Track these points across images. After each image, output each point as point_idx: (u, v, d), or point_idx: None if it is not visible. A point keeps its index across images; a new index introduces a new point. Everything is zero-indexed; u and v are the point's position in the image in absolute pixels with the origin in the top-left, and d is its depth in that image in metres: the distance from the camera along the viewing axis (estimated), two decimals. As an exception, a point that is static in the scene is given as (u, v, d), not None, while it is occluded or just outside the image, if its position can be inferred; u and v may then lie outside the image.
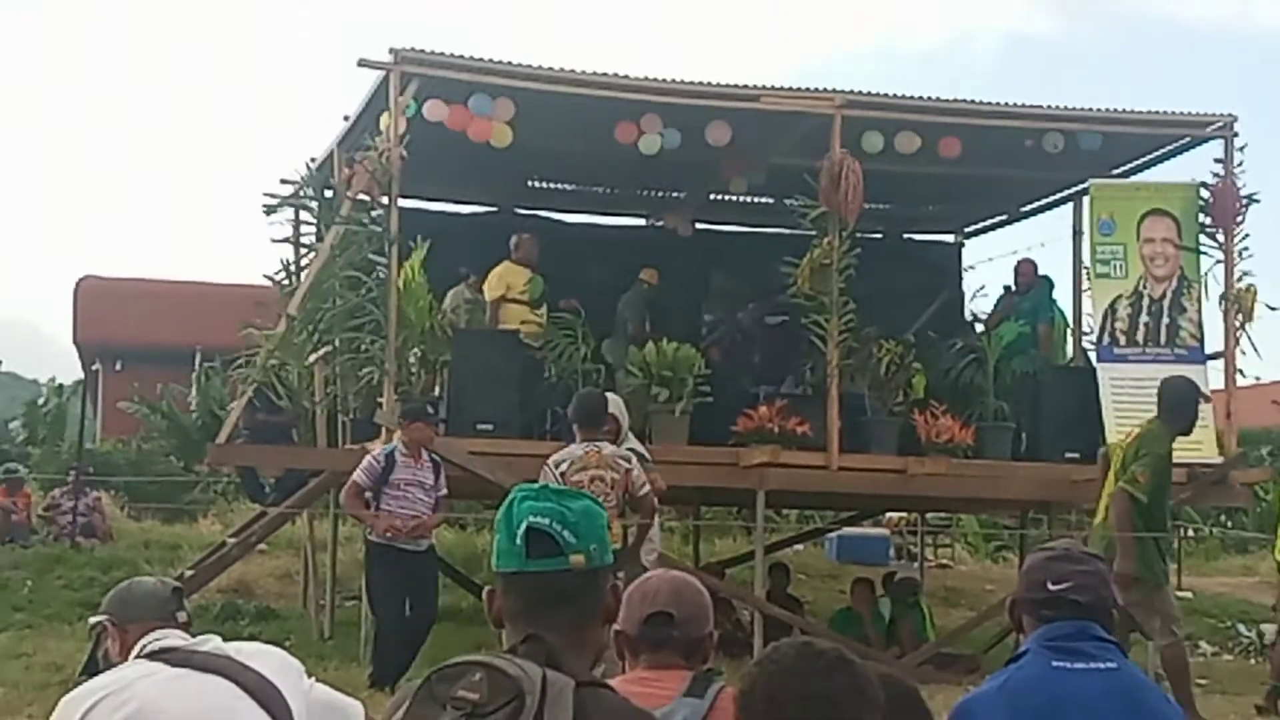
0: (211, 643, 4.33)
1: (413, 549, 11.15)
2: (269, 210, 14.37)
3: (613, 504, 9.74)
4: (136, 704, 4.02)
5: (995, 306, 15.89)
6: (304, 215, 14.62)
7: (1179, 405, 10.19)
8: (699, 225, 17.31)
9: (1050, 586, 3.91)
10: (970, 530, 23.80)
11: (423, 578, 11.43)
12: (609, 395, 10.88)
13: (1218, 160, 14.24)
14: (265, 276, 14.76)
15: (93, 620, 4.69)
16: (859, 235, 13.93)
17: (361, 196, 13.04)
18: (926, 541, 21.32)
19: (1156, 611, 9.82)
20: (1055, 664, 3.84)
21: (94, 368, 32.98)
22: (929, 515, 20.57)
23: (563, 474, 9.79)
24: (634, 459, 10.17)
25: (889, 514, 20.89)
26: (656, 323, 14.40)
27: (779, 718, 2.56)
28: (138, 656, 4.26)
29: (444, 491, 11.43)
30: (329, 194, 14.00)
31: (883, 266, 15.12)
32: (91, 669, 4.38)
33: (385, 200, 12.93)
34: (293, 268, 14.56)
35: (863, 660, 2.66)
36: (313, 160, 14.87)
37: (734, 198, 16.74)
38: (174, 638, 4.30)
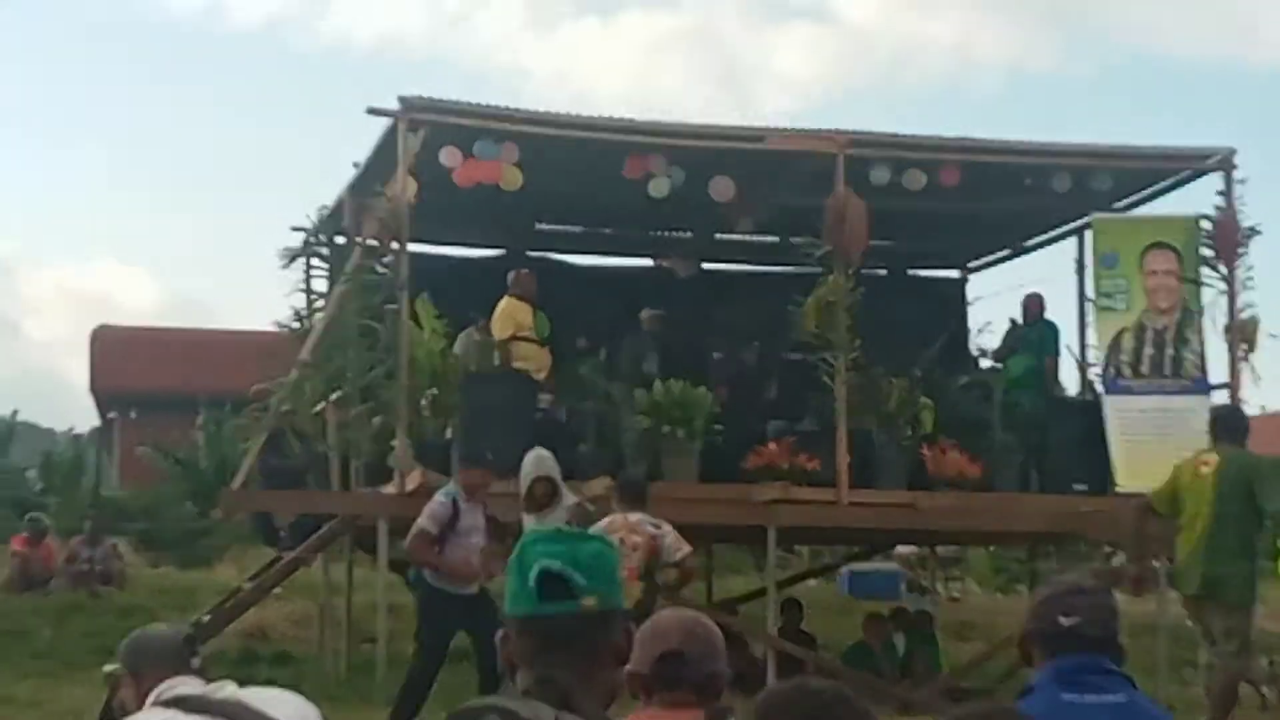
0: (227, 689, 4.36)
1: (468, 593, 10.92)
2: (289, 260, 14.47)
3: (633, 565, 9.88)
4: (153, 750, 4.07)
5: (1003, 340, 15.94)
6: (314, 261, 14.70)
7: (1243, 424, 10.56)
8: (705, 265, 17.38)
9: (1061, 620, 3.93)
10: (980, 564, 23.79)
11: (488, 616, 11.28)
12: (540, 453, 10.81)
13: (1219, 193, 14.31)
14: (277, 323, 14.85)
15: (107, 669, 4.73)
16: (864, 272, 14.00)
17: (371, 243, 13.14)
18: (937, 575, 21.31)
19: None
20: (1065, 696, 3.86)
21: (110, 415, 33.07)
22: (939, 549, 20.58)
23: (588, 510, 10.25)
24: (666, 526, 10.23)
25: (899, 548, 20.89)
26: (664, 362, 14.41)
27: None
28: (153, 704, 4.31)
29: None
30: (340, 240, 14.10)
31: (888, 302, 15.20)
32: (107, 718, 4.43)
33: (395, 245, 13.02)
34: (304, 314, 14.63)
35: (859, 697, 2.71)
36: (324, 207, 14.97)
37: (739, 237, 16.82)
38: (188, 685, 4.33)
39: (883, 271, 17.09)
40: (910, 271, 18.24)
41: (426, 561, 10.99)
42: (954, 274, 18.51)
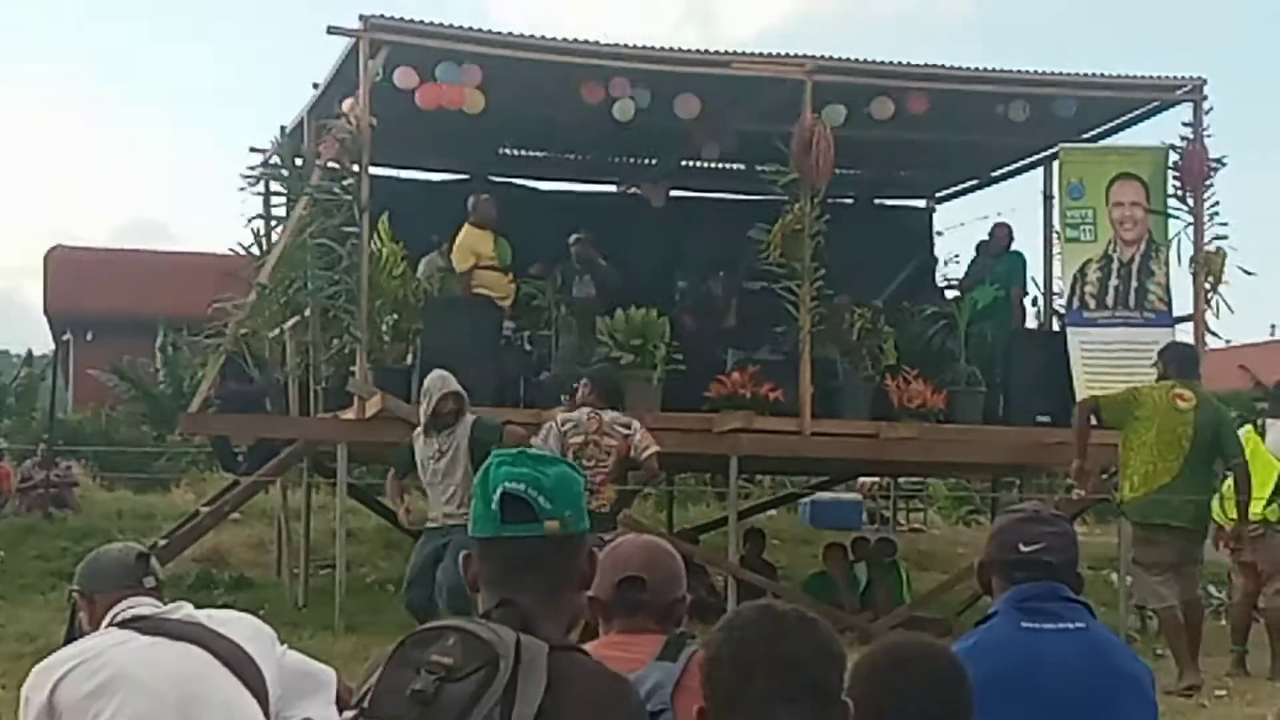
0: (183, 610, 4.35)
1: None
2: (252, 181, 14.34)
3: (606, 469, 10.25)
4: (110, 672, 4.04)
5: (969, 269, 15.93)
6: (274, 184, 14.56)
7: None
8: (672, 192, 17.31)
9: (1022, 548, 3.92)
10: (942, 495, 23.93)
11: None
12: (441, 371, 10.81)
13: (1186, 124, 14.30)
14: (235, 246, 14.72)
15: (69, 590, 4.70)
16: (830, 200, 13.95)
17: (332, 165, 13.01)
18: (899, 506, 21.44)
19: None
20: (1025, 625, 3.86)
21: (65, 338, 32.85)
22: (901, 480, 20.69)
23: (565, 433, 10.25)
24: (635, 425, 10.50)
25: (862, 479, 20.99)
26: (602, 286, 14.18)
27: (746, 682, 2.57)
28: (109, 625, 4.27)
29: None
30: (299, 163, 13.95)
31: (854, 231, 15.17)
32: (71, 640, 4.39)
33: (356, 169, 12.90)
34: (263, 237, 14.51)
35: (824, 621, 2.68)
36: (283, 128, 14.82)
37: (706, 164, 16.73)
38: (144, 605, 4.31)
39: (849, 200, 17.05)
40: (877, 201, 18.21)
41: None
42: (921, 204, 18.49)
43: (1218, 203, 14.16)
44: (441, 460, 10.48)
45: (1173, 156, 14.22)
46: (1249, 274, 14.20)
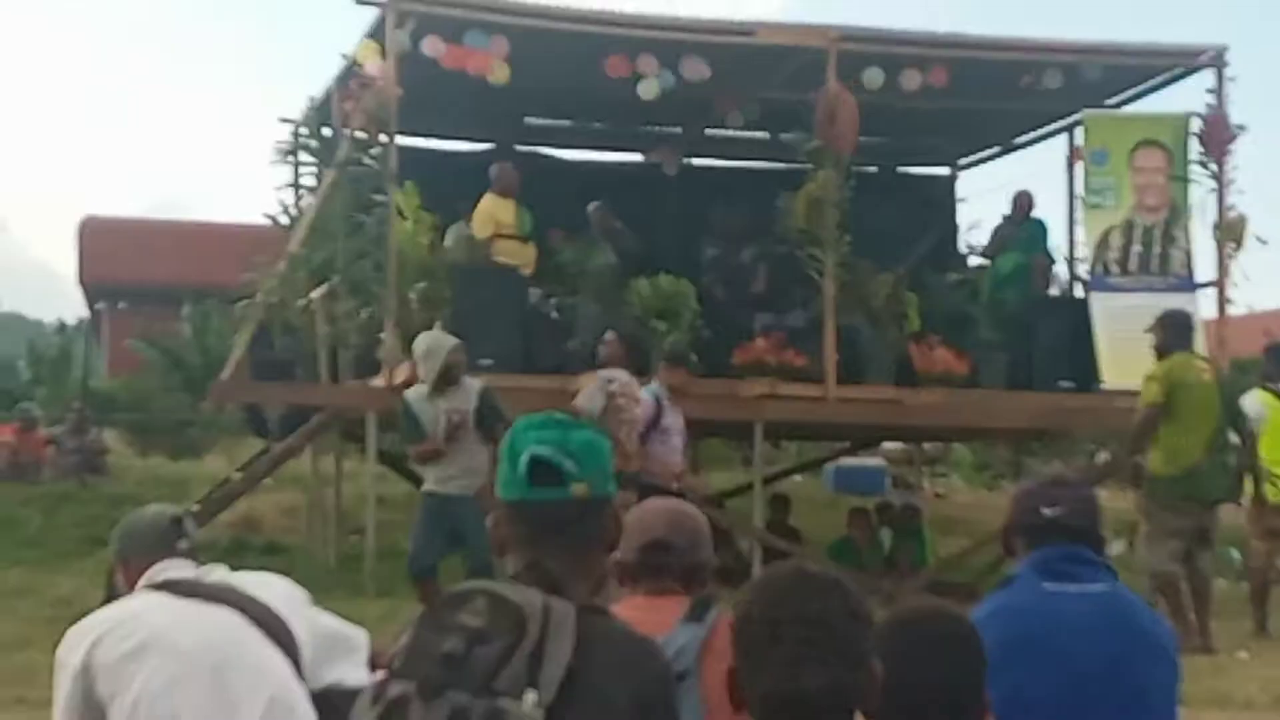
0: (217, 573, 4.39)
1: (675, 490, 10.69)
2: (285, 154, 14.40)
3: (640, 430, 10.58)
4: (145, 634, 4.08)
5: (993, 237, 15.93)
6: (303, 155, 14.62)
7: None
8: (695, 161, 17.33)
9: (1044, 511, 3.93)
10: (965, 460, 23.91)
11: None
12: (439, 332, 10.98)
13: (1210, 91, 14.27)
14: (266, 215, 14.80)
15: (107, 555, 4.76)
16: (854, 168, 13.97)
17: (360, 134, 13.06)
18: (923, 471, 21.44)
19: None
20: (1047, 586, 3.87)
21: (98, 307, 32.98)
22: (925, 445, 20.69)
23: (613, 392, 10.55)
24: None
25: (885, 444, 21.00)
26: (635, 257, 14.25)
27: (775, 642, 2.61)
28: (145, 588, 4.32)
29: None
30: (327, 133, 14.01)
31: (877, 199, 15.16)
32: (109, 603, 4.45)
33: (383, 138, 12.95)
34: (293, 207, 14.59)
35: (853, 584, 2.73)
36: (312, 99, 14.87)
37: (729, 133, 16.74)
38: (179, 568, 4.34)
39: (872, 168, 17.03)
40: (900, 168, 18.18)
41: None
42: (944, 171, 18.47)
43: (1236, 168, 14.16)
44: (444, 422, 10.48)
45: (1195, 123, 14.19)
46: (1263, 242, 14.19)
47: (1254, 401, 11.46)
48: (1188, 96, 14.70)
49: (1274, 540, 11.54)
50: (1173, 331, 10.92)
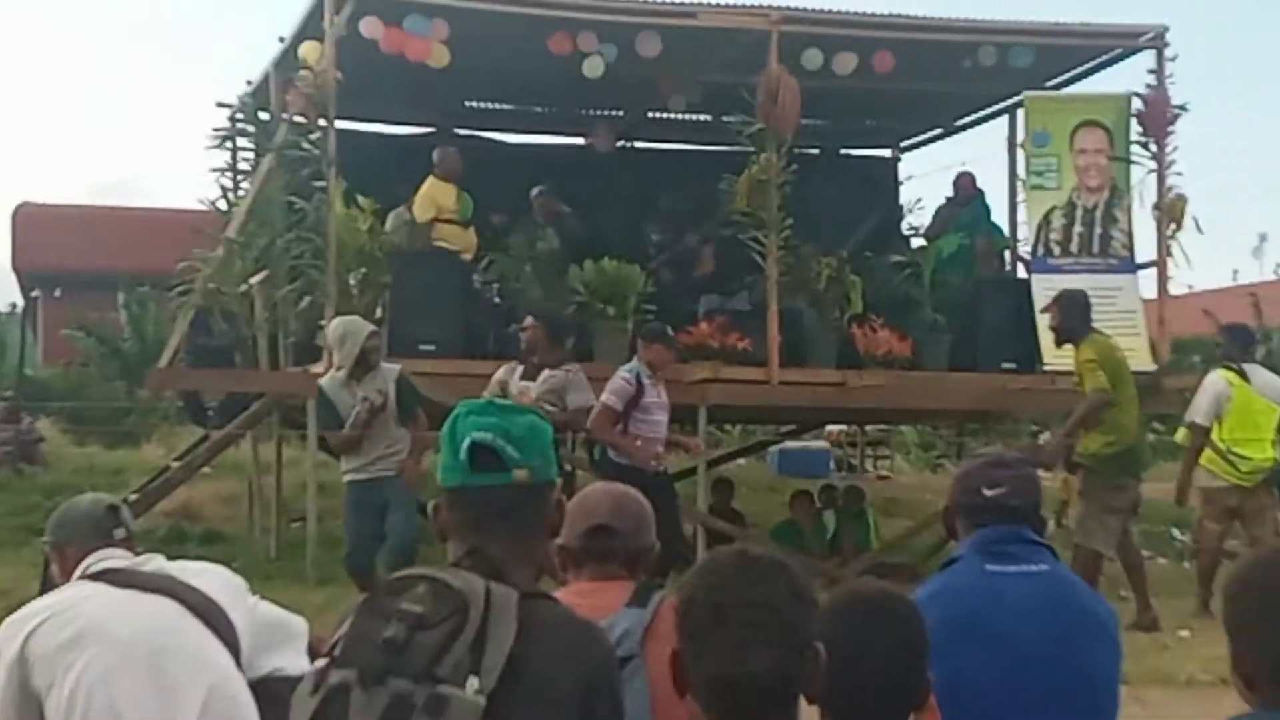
0: (154, 562, 4.36)
1: (652, 470, 10.77)
2: (220, 139, 14.27)
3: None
4: (81, 623, 4.05)
5: (934, 219, 15.99)
6: (240, 139, 14.50)
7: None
8: (638, 145, 17.31)
9: (985, 492, 3.95)
10: (909, 442, 24.02)
11: (667, 495, 11.17)
12: (353, 317, 10.90)
13: (1150, 71, 14.35)
14: (203, 201, 14.67)
15: (42, 544, 4.72)
16: (796, 151, 13.96)
17: (298, 119, 12.96)
18: (866, 453, 21.52)
19: None
20: (989, 568, 3.89)
21: (33, 295, 32.64)
22: (868, 427, 20.77)
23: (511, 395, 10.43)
24: (571, 393, 11.01)
25: (829, 427, 21.06)
26: (577, 240, 14.21)
27: (720, 625, 2.60)
28: (81, 577, 4.28)
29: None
30: (265, 117, 13.90)
31: (820, 181, 15.17)
32: (45, 593, 4.41)
33: (322, 122, 12.86)
34: (230, 192, 14.47)
35: (797, 567, 2.72)
36: (249, 83, 14.75)
37: (672, 115, 16.72)
38: (116, 558, 4.31)
39: (815, 151, 17.05)
40: (842, 151, 18.22)
41: (609, 439, 10.84)
42: (886, 153, 18.51)
43: (1176, 148, 14.25)
44: (374, 407, 10.38)
45: (1136, 104, 14.27)
46: (1200, 231, 14.32)
47: (1218, 380, 11.55)
48: (1129, 77, 14.79)
49: (1228, 520, 11.65)
50: (1074, 312, 10.99)
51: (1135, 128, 14.23)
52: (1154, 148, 14.19)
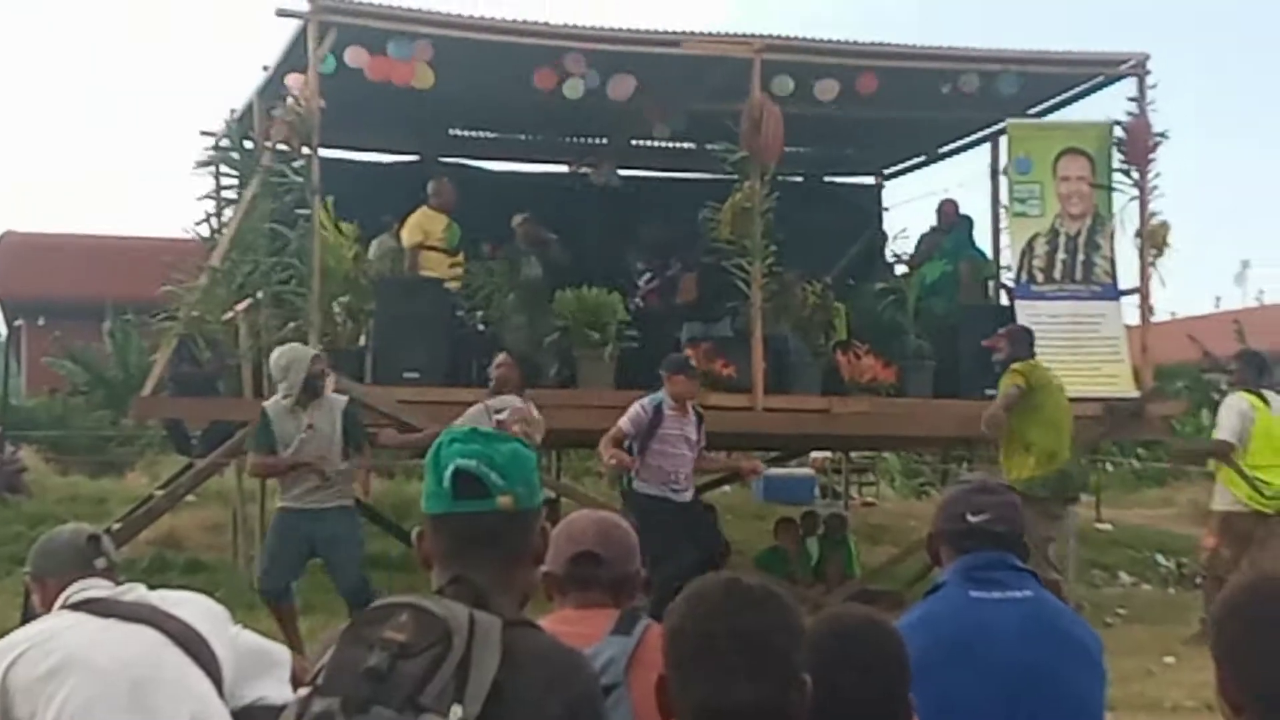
0: (136, 592, 4.34)
1: (681, 499, 10.92)
2: (202, 164, 14.26)
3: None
4: (63, 653, 4.03)
5: (918, 246, 16.01)
6: (224, 167, 14.49)
7: None
8: (622, 172, 17.33)
9: (969, 518, 3.95)
10: (893, 468, 24.03)
11: (702, 520, 11.39)
12: (282, 348, 10.84)
13: (1131, 99, 14.39)
14: (187, 229, 14.64)
15: (23, 574, 4.70)
16: (780, 178, 13.99)
17: (282, 147, 12.96)
18: (851, 480, 21.52)
19: None
20: (973, 594, 3.89)
21: (16, 323, 32.59)
22: (853, 454, 20.77)
23: (501, 420, 10.45)
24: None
25: (814, 453, 21.05)
26: (560, 268, 14.24)
27: (708, 654, 2.59)
28: (62, 607, 4.26)
29: (703, 444, 11.37)
30: (249, 145, 13.89)
31: (804, 209, 15.21)
32: (26, 623, 4.39)
33: (306, 150, 12.86)
34: (214, 220, 14.44)
35: (787, 594, 2.71)
36: (233, 111, 14.75)
37: (656, 143, 16.75)
38: (97, 587, 4.30)
39: (798, 178, 17.09)
40: (826, 178, 18.26)
41: (612, 456, 10.85)
42: (870, 181, 18.55)
43: (1158, 175, 14.29)
44: (315, 437, 10.29)
45: (1118, 131, 14.31)
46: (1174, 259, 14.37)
47: (1241, 402, 11.47)
48: (1111, 104, 14.83)
49: (1244, 547, 11.33)
50: (1019, 344, 11.46)
51: (1117, 155, 14.26)
52: (1136, 175, 14.23)
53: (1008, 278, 14.88)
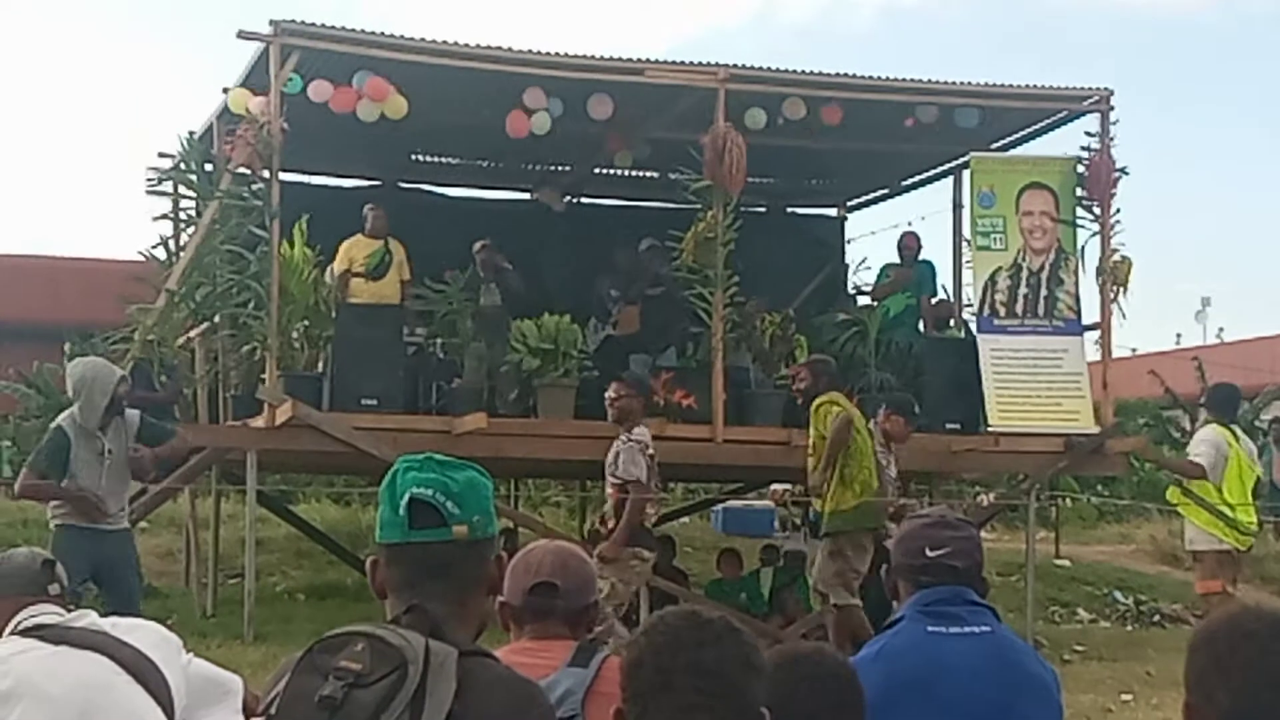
0: (88, 618, 4.29)
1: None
2: (153, 186, 14.15)
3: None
4: (12, 680, 3.99)
5: (879, 279, 15.99)
6: (183, 189, 14.39)
7: None
8: (583, 200, 17.33)
9: (928, 553, 3.93)
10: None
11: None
12: (81, 361, 10.42)
13: (1090, 135, 14.44)
14: (142, 252, 14.53)
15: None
16: (743, 209, 13.99)
17: (242, 170, 12.90)
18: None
19: None
20: (931, 629, 3.87)
21: (-35, 346, 32.30)
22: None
23: (652, 455, 10.91)
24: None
25: (773, 486, 21.03)
26: (517, 294, 14.21)
27: (667, 688, 2.56)
28: (12, 633, 4.22)
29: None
30: (209, 167, 13.82)
31: (766, 239, 15.24)
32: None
33: (266, 174, 12.80)
34: (172, 243, 14.34)
35: (747, 630, 2.68)
36: (191, 133, 14.65)
37: (618, 171, 16.76)
38: (48, 613, 4.27)
39: (761, 209, 17.12)
40: (789, 209, 18.29)
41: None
42: (832, 212, 18.60)
43: (1119, 210, 14.34)
44: (109, 460, 9.79)
45: (1080, 167, 14.36)
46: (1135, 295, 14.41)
47: (1217, 436, 11.31)
48: (1073, 138, 14.88)
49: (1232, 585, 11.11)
50: (824, 378, 11.52)
51: (1080, 190, 14.31)
52: (1097, 210, 14.28)
53: (969, 312, 14.90)
